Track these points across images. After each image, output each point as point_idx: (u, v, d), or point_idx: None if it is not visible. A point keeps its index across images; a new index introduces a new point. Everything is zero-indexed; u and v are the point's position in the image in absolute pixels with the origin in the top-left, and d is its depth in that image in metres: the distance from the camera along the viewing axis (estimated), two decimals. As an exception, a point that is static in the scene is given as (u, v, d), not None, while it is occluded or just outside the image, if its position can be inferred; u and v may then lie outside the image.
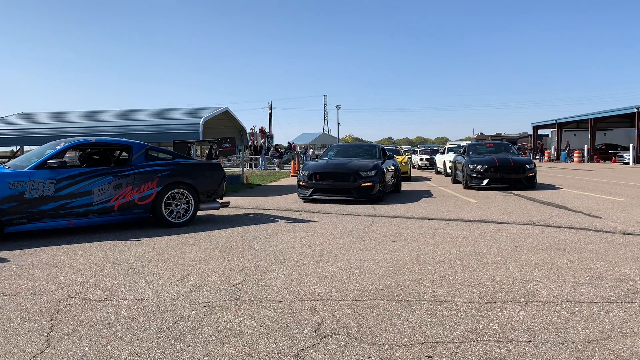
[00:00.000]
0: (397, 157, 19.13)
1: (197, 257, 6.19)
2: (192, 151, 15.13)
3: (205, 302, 4.40)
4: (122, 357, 3.29)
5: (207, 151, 11.53)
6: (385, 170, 12.73)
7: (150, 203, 8.48)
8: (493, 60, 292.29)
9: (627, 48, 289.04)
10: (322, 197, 12.14)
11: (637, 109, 34.78)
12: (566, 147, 42.48)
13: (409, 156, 30.48)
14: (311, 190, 12.20)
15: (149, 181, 8.45)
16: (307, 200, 12.41)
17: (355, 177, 11.86)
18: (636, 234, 7.37)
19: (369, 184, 11.85)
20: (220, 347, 3.42)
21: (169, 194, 8.62)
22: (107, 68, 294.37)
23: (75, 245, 7.10)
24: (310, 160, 32.41)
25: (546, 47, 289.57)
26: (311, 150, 47.70)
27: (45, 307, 4.32)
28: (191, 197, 8.87)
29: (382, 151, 14.39)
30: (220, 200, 9.63)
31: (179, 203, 8.76)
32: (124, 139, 9.41)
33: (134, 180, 8.33)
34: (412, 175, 21.13)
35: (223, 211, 10.69)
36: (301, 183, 12.46)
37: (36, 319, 4.00)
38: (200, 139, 14.32)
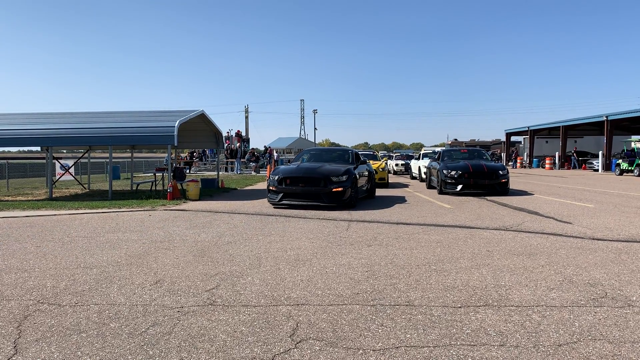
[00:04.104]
0: (374, 162, 19.13)
1: (171, 262, 6.12)
2: (167, 154, 14.74)
3: (179, 307, 4.35)
4: (93, 363, 3.22)
5: (181, 154, 10.67)
6: (357, 176, 12.56)
7: None
8: (468, 68, 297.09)
9: (598, 62, 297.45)
10: (293, 202, 11.88)
11: (606, 117, 35.74)
12: (572, 151, 42.25)
13: (386, 161, 30.53)
14: (281, 195, 11.94)
15: None
16: (277, 205, 12.16)
17: (326, 182, 11.67)
18: (605, 240, 7.54)
19: (340, 189, 11.65)
20: (194, 352, 3.38)
21: None
22: (81, 69, 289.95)
23: (45, 248, 6.95)
24: (277, 163, 32.43)
25: (520, 55, 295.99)
26: (276, 154, 47.48)
27: (13, 312, 4.21)
28: None
29: (356, 156, 14.30)
30: None
31: None
32: None
33: None
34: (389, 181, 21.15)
35: (198, 215, 10.59)
36: (271, 188, 12.13)
37: (3, 325, 3.90)
38: (176, 142, 14.20)
